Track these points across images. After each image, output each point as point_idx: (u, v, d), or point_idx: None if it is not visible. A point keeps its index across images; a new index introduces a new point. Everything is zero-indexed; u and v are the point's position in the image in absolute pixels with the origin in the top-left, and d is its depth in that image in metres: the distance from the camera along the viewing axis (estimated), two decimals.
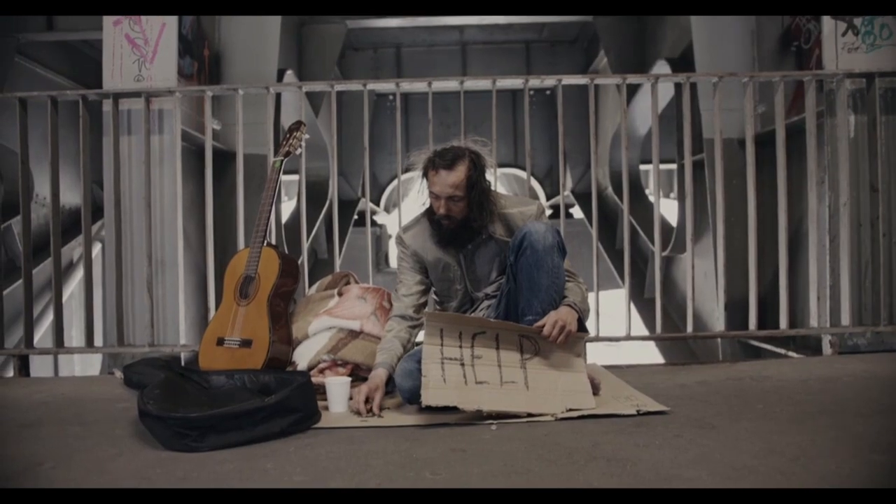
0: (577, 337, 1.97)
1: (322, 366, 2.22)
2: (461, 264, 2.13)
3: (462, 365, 1.88)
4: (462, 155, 2.03)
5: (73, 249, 5.72)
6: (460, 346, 1.90)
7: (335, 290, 2.43)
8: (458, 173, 2.00)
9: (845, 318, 2.89)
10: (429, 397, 1.81)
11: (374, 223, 9.86)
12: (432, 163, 2.03)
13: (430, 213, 2.12)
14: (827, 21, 3.03)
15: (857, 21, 3.00)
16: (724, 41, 3.87)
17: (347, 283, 2.52)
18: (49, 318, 4.93)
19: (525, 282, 1.97)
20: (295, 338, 2.30)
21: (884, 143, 2.97)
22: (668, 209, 7.02)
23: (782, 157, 2.96)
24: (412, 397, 1.93)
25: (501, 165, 9.33)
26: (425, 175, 2.06)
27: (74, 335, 5.95)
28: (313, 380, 2.06)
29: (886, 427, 1.72)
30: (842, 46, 3.01)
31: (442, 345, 1.89)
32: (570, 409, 1.87)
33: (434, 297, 2.25)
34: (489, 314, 2.11)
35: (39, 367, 4.30)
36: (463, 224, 2.06)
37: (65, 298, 4.20)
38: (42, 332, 5.15)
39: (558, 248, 1.98)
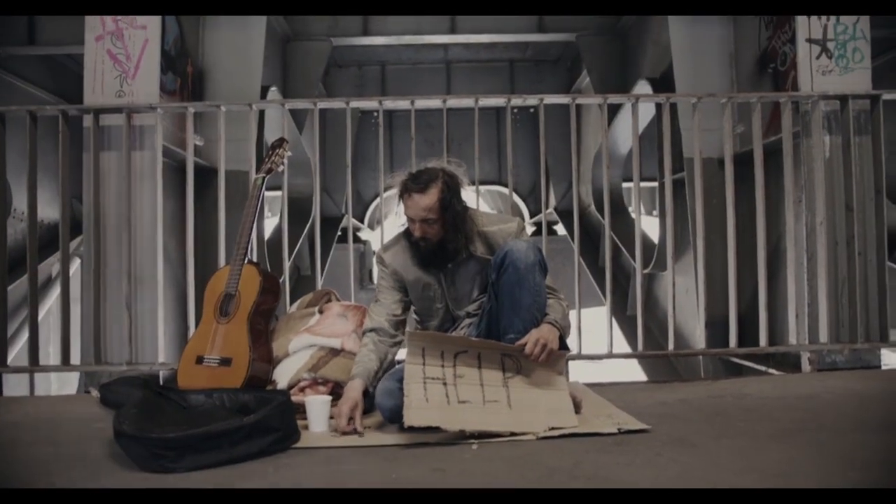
0: (558, 355, 1.97)
1: (302, 384, 2.20)
2: (442, 283, 2.12)
3: (444, 384, 1.87)
4: (435, 177, 2.03)
5: (51, 265, 5.64)
6: (442, 366, 1.89)
7: (316, 308, 2.42)
8: (431, 196, 2.01)
9: (823, 336, 2.92)
10: (411, 417, 1.79)
11: (357, 240, 9.84)
12: (405, 186, 2.04)
13: (408, 234, 2.12)
14: (802, 44, 3.10)
15: (831, 45, 3.08)
16: (703, 62, 3.95)
17: (329, 300, 2.50)
18: (24, 335, 4.84)
19: (507, 300, 1.97)
20: (275, 356, 2.28)
21: (857, 164, 3.03)
22: (649, 227, 7.08)
23: (760, 176, 3.01)
24: (392, 416, 1.91)
25: (484, 182, 9.37)
26: (401, 197, 2.07)
27: (51, 353, 5.84)
28: (293, 398, 2.03)
29: (864, 443, 1.74)
30: (816, 69, 3.08)
31: (424, 364, 1.88)
32: (553, 428, 1.86)
33: (414, 316, 2.25)
34: (470, 332, 2.11)
35: (14, 386, 4.21)
36: (440, 245, 2.06)
37: (41, 315, 4.12)
38: (17, 350, 5.04)
39: (540, 266, 1.98)
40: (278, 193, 3.25)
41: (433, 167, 2.07)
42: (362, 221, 9.73)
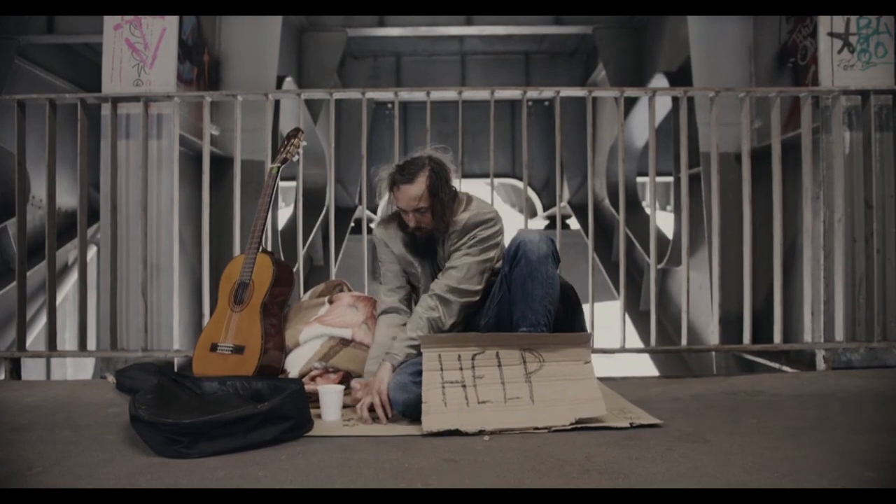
0: (580, 339, 1.96)
1: (314, 373, 2.22)
2: (428, 271, 2.15)
3: (464, 387, 1.87)
4: (422, 166, 2.04)
5: (69, 252, 5.71)
6: (461, 369, 1.89)
7: (326, 298, 2.43)
8: (419, 186, 2.02)
9: (839, 334, 2.90)
10: (430, 423, 1.80)
11: (370, 231, 9.86)
12: (393, 179, 2.06)
13: (399, 221, 2.15)
14: (823, 38, 3.05)
15: (853, 39, 3.03)
16: (721, 56, 3.91)
17: (340, 290, 2.52)
18: (42, 320, 4.91)
19: (519, 292, 1.97)
20: (286, 345, 2.30)
21: (878, 160, 2.99)
22: (664, 222, 7.04)
23: (778, 172, 2.98)
24: (406, 410, 1.92)
25: (498, 175, 9.36)
26: (391, 191, 2.08)
27: (67, 338, 5.93)
28: (305, 387, 2.05)
29: (879, 443, 1.72)
30: (837, 63, 3.03)
31: (441, 370, 1.88)
32: (580, 420, 1.85)
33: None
34: (480, 320, 2.11)
35: (31, 370, 4.28)
36: (436, 229, 2.08)
37: (58, 301, 4.18)
38: (35, 335, 5.13)
39: (553, 258, 1.98)
40: (293, 183, 3.27)
41: (420, 156, 2.08)
42: (376, 212, 9.75)
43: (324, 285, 2.57)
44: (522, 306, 1.97)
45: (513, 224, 2.50)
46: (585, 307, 2.91)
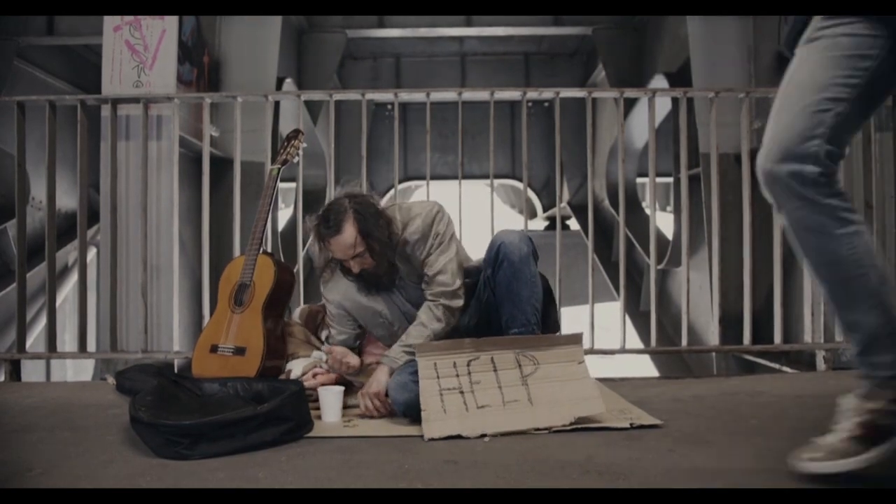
0: (572, 339, 1.97)
1: (317, 370, 2.21)
2: (396, 303, 2.10)
3: (461, 393, 1.88)
4: (343, 211, 1.95)
5: (69, 253, 5.71)
6: (457, 376, 1.89)
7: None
8: (348, 234, 1.94)
9: (839, 334, 2.89)
10: (431, 430, 1.80)
11: None
12: (320, 234, 1.97)
13: (342, 266, 2.06)
14: None
15: None
16: (721, 57, 3.91)
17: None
18: (42, 322, 4.91)
19: (505, 294, 1.98)
20: (294, 352, 2.29)
21: (878, 160, 2.99)
22: (664, 222, 7.04)
23: None
24: (407, 410, 1.92)
25: (498, 176, 9.36)
26: (321, 245, 2.01)
27: (67, 340, 5.92)
28: (306, 384, 2.05)
29: None
30: None
31: (438, 377, 1.88)
32: (580, 418, 1.86)
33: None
34: (466, 322, 2.10)
35: (31, 371, 4.27)
36: (382, 266, 2.02)
37: (58, 303, 4.18)
38: (35, 337, 5.12)
39: (533, 256, 2.00)
40: (293, 185, 3.27)
41: (338, 199, 2.01)
42: None
43: (308, 309, 2.53)
44: (510, 307, 1.98)
45: (513, 225, 2.50)
46: (585, 308, 2.93)
